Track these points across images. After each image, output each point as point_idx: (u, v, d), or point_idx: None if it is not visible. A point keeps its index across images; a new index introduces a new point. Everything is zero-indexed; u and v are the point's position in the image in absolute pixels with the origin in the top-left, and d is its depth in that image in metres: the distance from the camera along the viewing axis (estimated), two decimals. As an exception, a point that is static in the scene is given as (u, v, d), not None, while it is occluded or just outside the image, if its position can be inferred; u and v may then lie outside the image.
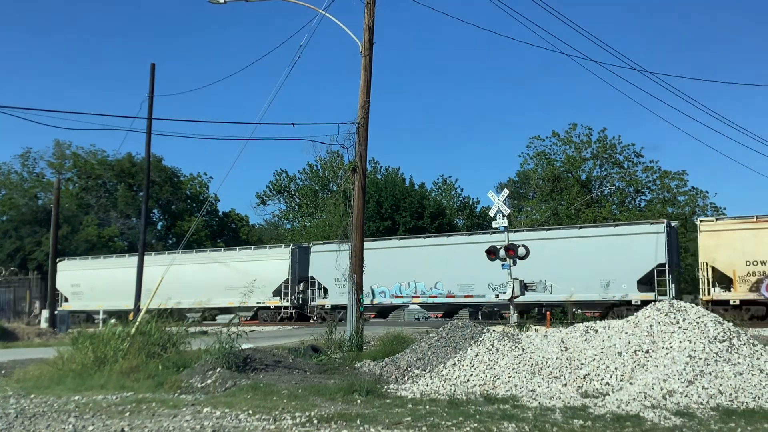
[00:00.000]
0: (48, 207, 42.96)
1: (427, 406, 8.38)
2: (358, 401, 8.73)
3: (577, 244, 26.33)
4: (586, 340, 10.56)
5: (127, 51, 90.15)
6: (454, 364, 10.52)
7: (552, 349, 10.40)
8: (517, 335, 11.83)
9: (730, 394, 8.33)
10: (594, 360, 9.83)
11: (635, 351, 9.77)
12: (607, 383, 9.24)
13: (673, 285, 24.81)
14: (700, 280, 24.20)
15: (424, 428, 7.17)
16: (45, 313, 28.51)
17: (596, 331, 10.83)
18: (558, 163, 45.08)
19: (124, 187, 52.15)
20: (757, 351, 9.36)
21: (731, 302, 23.17)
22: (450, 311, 30.22)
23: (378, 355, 12.79)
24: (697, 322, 10.00)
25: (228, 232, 57.90)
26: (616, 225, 28.44)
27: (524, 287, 19.14)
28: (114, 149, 58.80)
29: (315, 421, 7.51)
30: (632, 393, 8.50)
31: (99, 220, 49.97)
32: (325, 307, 31.16)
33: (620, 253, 25.06)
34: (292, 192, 57.33)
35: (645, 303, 17.24)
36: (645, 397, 8.32)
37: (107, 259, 39.25)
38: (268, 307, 32.71)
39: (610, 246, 25.53)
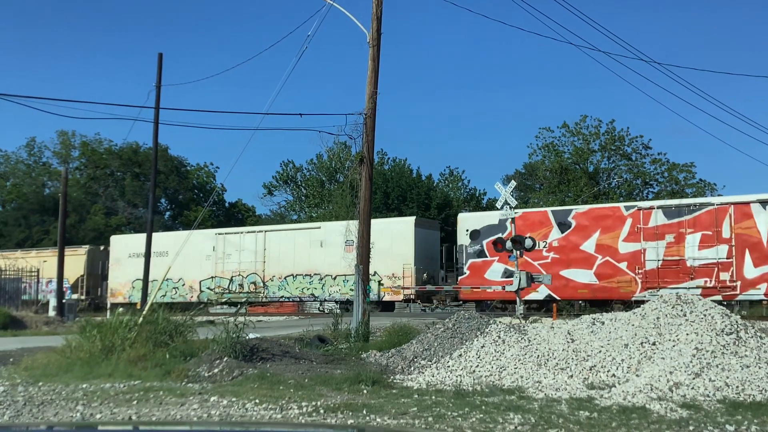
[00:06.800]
0: (55, 196, 43.13)
1: (433, 397, 8.39)
2: (364, 391, 8.75)
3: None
4: (592, 332, 10.55)
5: (134, 41, 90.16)
6: (461, 355, 10.53)
7: (558, 341, 10.39)
8: (524, 327, 11.83)
9: (737, 387, 8.31)
10: (600, 352, 9.82)
11: (642, 343, 9.74)
12: (614, 375, 9.23)
13: None
14: None
15: (430, 418, 7.18)
16: (53, 302, 28.61)
17: (603, 323, 10.81)
18: (566, 154, 44.90)
19: (131, 177, 52.28)
20: (764, 344, 9.33)
21: None
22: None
23: (384, 345, 12.81)
24: (705, 315, 9.97)
25: (234, 223, 58.01)
26: None
27: (530, 279, 19.10)
28: (123, 138, 59.06)
29: (321, 411, 7.52)
30: (638, 385, 8.49)
31: (106, 209, 50.14)
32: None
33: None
34: (299, 182, 57.28)
35: None
36: (651, 389, 8.30)
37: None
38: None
39: None
